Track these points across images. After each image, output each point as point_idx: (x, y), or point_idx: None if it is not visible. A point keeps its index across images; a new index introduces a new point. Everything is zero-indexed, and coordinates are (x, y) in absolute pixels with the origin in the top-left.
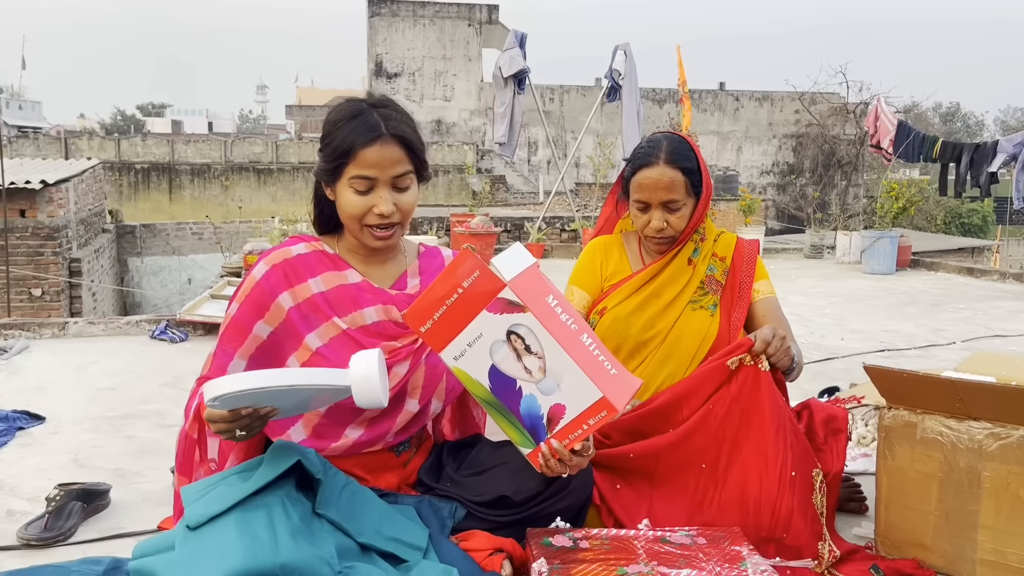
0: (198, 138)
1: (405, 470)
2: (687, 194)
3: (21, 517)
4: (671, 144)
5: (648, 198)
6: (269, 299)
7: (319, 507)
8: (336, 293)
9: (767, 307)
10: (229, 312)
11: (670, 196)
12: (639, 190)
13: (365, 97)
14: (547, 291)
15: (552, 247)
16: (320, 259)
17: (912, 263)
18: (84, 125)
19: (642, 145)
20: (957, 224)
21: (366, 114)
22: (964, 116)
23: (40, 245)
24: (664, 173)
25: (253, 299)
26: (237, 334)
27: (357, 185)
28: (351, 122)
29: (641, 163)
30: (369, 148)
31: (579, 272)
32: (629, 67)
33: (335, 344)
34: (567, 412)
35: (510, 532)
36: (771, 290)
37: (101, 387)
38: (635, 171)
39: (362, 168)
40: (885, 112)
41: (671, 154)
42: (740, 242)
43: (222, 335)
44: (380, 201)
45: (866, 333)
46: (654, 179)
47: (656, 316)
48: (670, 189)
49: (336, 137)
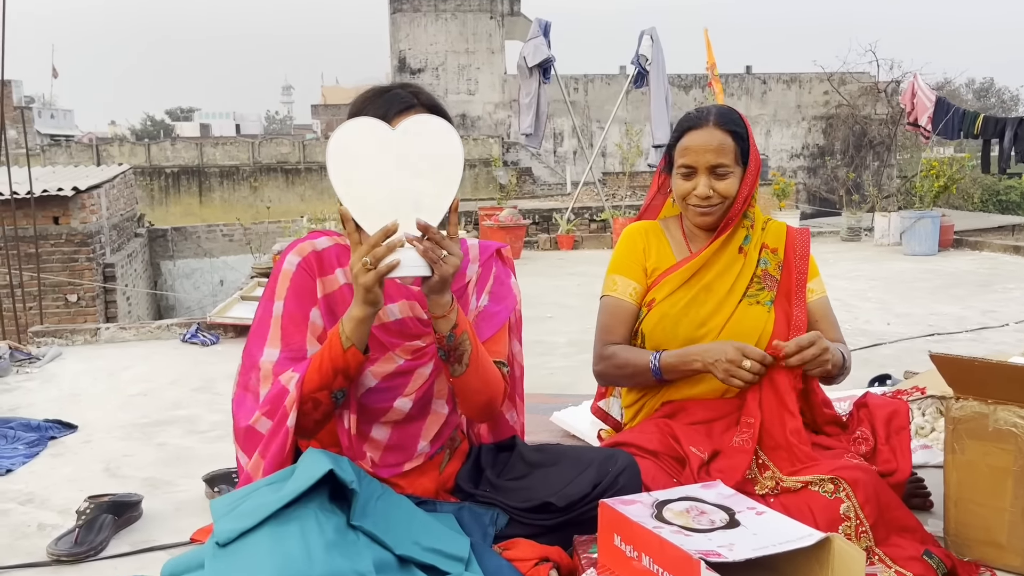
0: (226, 140)
1: (442, 475)
2: (735, 161)
3: (52, 531)
4: (720, 109)
5: (695, 161)
6: (311, 285)
7: (354, 518)
8: None
9: (821, 309)
10: (275, 311)
11: (719, 160)
12: (685, 153)
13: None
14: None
15: (582, 238)
16: (343, 252)
17: (955, 243)
18: (115, 132)
19: (690, 112)
20: (995, 202)
21: (394, 90)
22: (999, 91)
23: (74, 251)
24: (713, 135)
25: (296, 290)
26: (296, 327)
27: None
28: (378, 99)
29: (689, 125)
30: (403, 118)
31: (621, 260)
32: (656, 52)
33: None
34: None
35: (555, 537)
36: (823, 289)
37: (133, 393)
38: (681, 134)
39: None
40: (922, 89)
41: (720, 117)
42: (791, 232)
43: (283, 336)
44: None
45: (912, 317)
46: (703, 141)
47: (709, 313)
48: (719, 152)
49: (366, 112)
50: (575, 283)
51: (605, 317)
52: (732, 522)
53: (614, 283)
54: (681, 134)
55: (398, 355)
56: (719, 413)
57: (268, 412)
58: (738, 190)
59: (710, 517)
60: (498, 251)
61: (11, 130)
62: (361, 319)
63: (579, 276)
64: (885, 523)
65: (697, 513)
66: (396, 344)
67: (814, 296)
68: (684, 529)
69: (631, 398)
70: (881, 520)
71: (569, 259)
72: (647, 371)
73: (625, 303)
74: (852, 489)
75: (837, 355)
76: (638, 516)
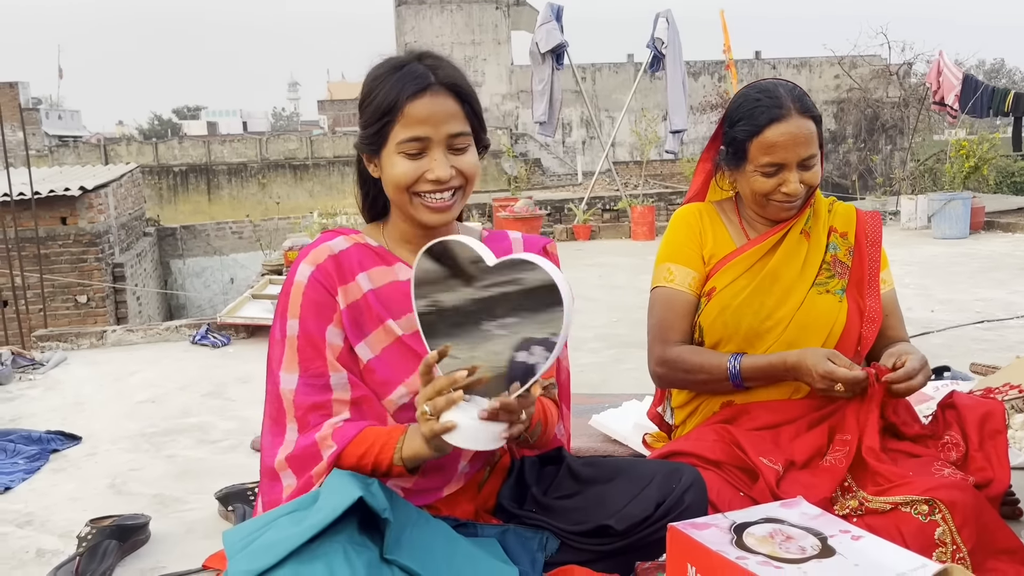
0: (233, 138)
1: (481, 494)
2: (819, 147)
3: (51, 557)
4: (794, 91)
5: (785, 158)
6: (327, 300)
7: (387, 552)
8: (387, 291)
9: (891, 303)
10: (289, 331)
11: (809, 151)
12: (772, 150)
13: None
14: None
15: (599, 228)
16: (364, 253)
17: (986, 225)
18: (122, 132)
19: (754, 97)
20: (1009, 183)
21: (411, 64)
22: (1010, 72)
23: (82, 252)
24: (801, 126)
25: (310, 306)
26: (314, 349)
27: (408, 148)
28: (393, 75)
29: (770, 117)
30: (418, 100)
31: (675, 247)
32: (672, 35)
33: (388, 356)
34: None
35: (613, 563)
36: (892, 280)
37: (140, 400)
38: (761, 128)
39: (411, 126)
40: (948, 66)
41: (800, 103)
42: (860, 215)
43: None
44: (435, 164)
45: (956, 303)
46: (792, 134)
47: (776, 304)
48: (809, 143)
49: (377, 94)
50: (596, 274)
51: (661, 311)
52: (826, 549)
53: (669, 272)
54: (761, 128)
55: None
56: (786, 417)
57: (295, 468)
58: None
59: (799, 543)
60: (544, 248)
61: (18, 131)
62: (424, 457)
63: (599, 267)
64: (983, 546)
65: (783, 538)
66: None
67: (885, 288)
68: (771, 560)
69: (683, 398)
70: (980, 544)
71: (587, 250)
72: (724, 379)
73: (683, 294)
74: (949, 511)
75: (929, 370)
76: (716, 543)
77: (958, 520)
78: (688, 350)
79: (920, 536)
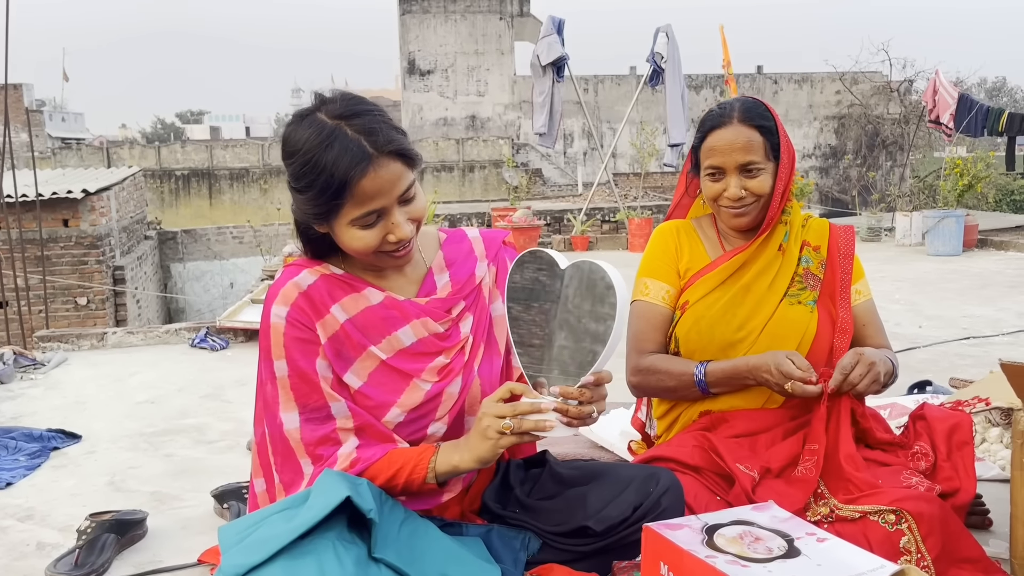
0: (236, 143)
1: (468, 495)
2: (766, 157)
3: (51, 550)
4: (745, 104)
5: (722, 162)
6: (307, 335)
7: (376, 550)
8: (363, 318)
9: (867, 313)
10: (278, 372)
11: (747, 158)
12: (711, 154)
13: (316, 104)
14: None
15: (596, 238)
16: (332, 284)
17: (979, 243)
18: (125, 135)
19: (712, 109)
20: (1008, 202)
21: (339, 136)
22: (1011, 90)
23: (84, 254)
24: (739, 132)
25: (292, 344)
26: (308, 385)
27: (364, 222)
28: (328, 149)
29: (713, 124)
30: (366, 178)
31: (652, 262)
32: (672, 49)
33: (376, 380)
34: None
35: (592, 563)
36: (869, 291)
37: (140, 400)
38: (705, 135)
39: (364, 204)
40: (944, 85)
41: (745, 112)
42: (834, 229)
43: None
44: (394, 227)
45: (944, 319)
46: (728, 139)
47: (748, 314)
48: (747, 150)
49: (319, 174)
50: None
51: (637, 323)
52: (792, 550)
53: (645, 287)
54: (705, 134)
55: (424, 380)
56: (763, 425)
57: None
58: (772, 186)
59: (767, 544)
60: (504, 241)
61: (22, 133)
62: (463, 471)
63: None
64: (947, 555)
65: (752, 540)
66: (419, 369)
67: (860, 299)
68: (739, 559)
69: (664, 408)
70: (944, 552)
71: None
72: (691, 384)
73: (658, 307)
74: (916, 522)
75: (888, 365)
76: (688, 543)
77: (923, 530)
78: (659, 358)
79: (886, 544)
